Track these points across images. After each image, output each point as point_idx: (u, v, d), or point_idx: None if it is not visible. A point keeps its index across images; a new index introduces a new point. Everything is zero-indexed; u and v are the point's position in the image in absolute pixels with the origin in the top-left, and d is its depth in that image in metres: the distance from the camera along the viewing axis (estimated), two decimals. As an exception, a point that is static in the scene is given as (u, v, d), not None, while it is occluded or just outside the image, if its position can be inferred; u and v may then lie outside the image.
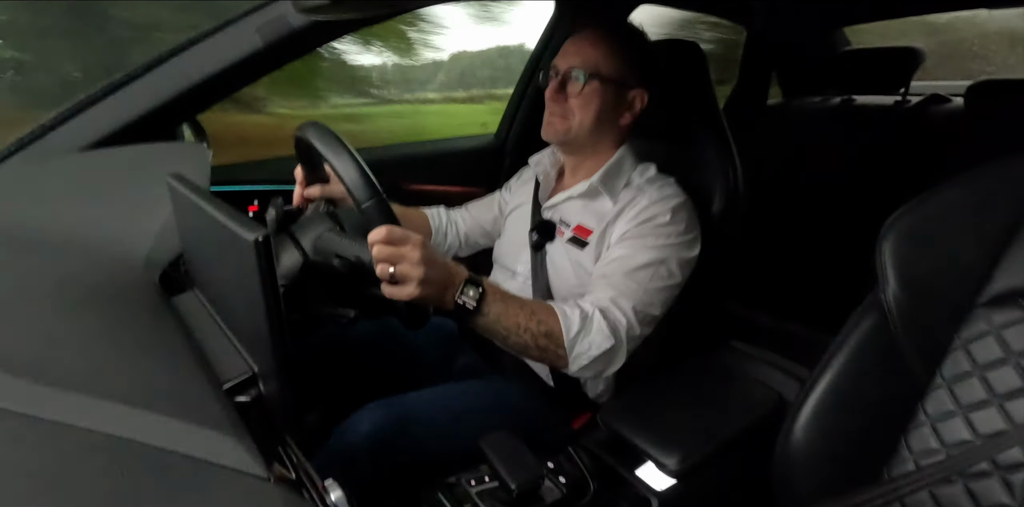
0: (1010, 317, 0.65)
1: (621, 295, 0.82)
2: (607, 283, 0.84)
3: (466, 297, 0.72)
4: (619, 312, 0.81)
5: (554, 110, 0.92)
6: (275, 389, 0.45)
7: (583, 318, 0.79)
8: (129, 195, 0.72)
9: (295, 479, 0.42)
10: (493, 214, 1.16)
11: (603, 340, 0.79)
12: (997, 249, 0.67)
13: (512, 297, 0.78)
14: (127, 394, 0.36)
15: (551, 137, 0.94)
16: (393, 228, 0.66)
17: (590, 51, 0.89)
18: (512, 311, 0.76)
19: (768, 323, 1.67)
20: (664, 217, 0.86)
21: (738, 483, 0.84)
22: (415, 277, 0.66)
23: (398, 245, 0.66)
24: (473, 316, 0.74)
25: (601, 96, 0.90)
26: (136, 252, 0.62)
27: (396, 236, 0.66)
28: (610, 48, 0.90)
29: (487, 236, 1.17)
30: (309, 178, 0.88)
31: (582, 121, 0.91)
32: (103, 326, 0.45)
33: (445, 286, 0.71)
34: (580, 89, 0.89)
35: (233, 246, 0.41)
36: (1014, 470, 0.62)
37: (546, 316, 0.78)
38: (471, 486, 0.71)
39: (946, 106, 1.62)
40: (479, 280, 0.74)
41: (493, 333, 0.77)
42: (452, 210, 1.19)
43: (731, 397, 0.89)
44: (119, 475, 0.28)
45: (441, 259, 0.71)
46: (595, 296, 0.84)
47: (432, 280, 0.68)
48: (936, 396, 0.69)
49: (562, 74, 0.90)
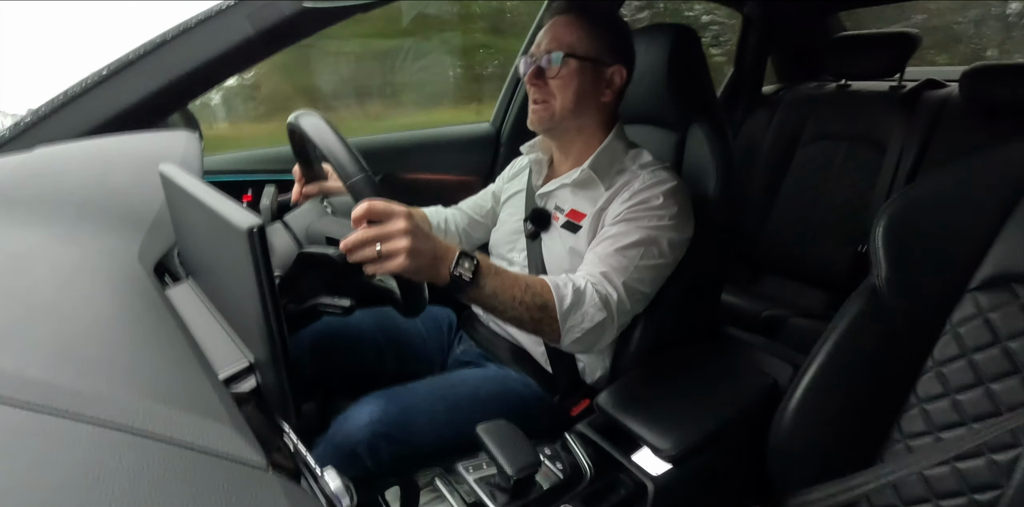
0: (999, 300, 0.66)
1: (612, 270, 0.83)
2: (598, 259, 0.85)
3: (462, 269, 0.71)
4: (610, 286, 0.82)
5: (535, 96, 0.92)
6: (272, 379, 0.45)
7: (576, 291, 0.80)
8: (121, 185, 0.71)
9: (294, 468, 0.43)
10: (489, 206, 1.16)
11: (596, 312, 0.80)
12: (988, 234, 0.68)
13: (506, 271, 0.78)
14: (124, 386, 0.36)
15: (537, 126, 0.94)
16: (375, 201, 0.64)
17: (563, 33, 0.90)
18: (507, 284, 0.76)
19: (763, 310, 1.68)
20: (657, 200, 0.87)
21: (733, 467, 0.85)
22: (402, 248, 0.64)
23: (382, 220, 0.64)
24: (470, 288, 0.73)
25: (579, 75, 0.90)
26: (129, 243, 0.61)
27: (378, 209, 0.64)
28: (583, 28, 0.90)
29: (486, 230, 1.17)
30: (307, 175, 0.87)
31: (563, 102, 0.91)
32: (97, 319, 0.45)
33: (436, 258, 0.69)
34: (557, 71, 0.89)
35: (227, 236, 0.41)
36: (1002, 451, 0.63)
37: (540, 289, 0.79)
38: (469, 473, 0.72)
39: (941, 92, 1.62)
40: (473, 254, 0.73)
41: (489, 306, 0.76)
42: (448, 209, 1.19)
43: (726, 383, 0.90)
44: (115, 465, 0.28)
45: (427, 231, 0.69)
46: (586, 270, 0.85)
47: (420, 251, 0.66)
48: (927, 379, 0.70)
49: (539, 59, 0.91)
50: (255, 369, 0.48)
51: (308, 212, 0.84)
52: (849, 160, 1.69)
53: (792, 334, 1.56)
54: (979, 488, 0.64)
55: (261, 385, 0.48)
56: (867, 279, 0.72)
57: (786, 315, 1.64)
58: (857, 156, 1.68)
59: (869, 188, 1.63)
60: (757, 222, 1.87)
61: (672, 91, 1.03)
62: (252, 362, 0.48)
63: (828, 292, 1.70)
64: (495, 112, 1.66)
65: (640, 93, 1.04)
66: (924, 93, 1.63)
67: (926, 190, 0.72)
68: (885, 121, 1.63)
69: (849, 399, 0.71)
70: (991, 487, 0.63)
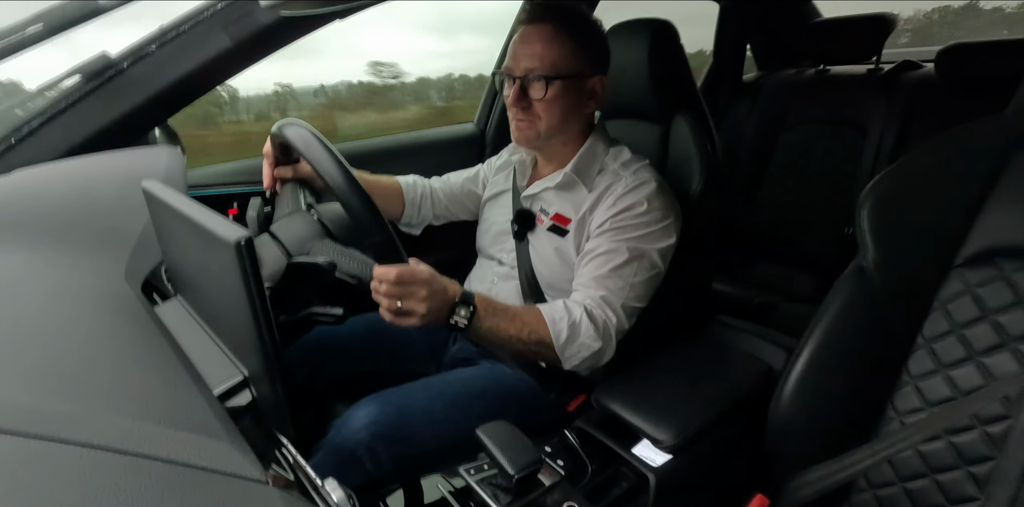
0: (985, 276, 0.67)
1: (610, 293, 0.86)
2: (594, 282, 0.87)
3: (458, 317, 0.78)
4: (609, 310, 0.85)
5: (519, 116, 0.90)
6: (267, 391, 0.45)
7: (571, 325, 0.83)
8: (104, 204, 0.70)
9: (294, 480, 0.43)
10: (476, 190, 1.16)
11: (592, 342, 0.84)
12: (970, 211, 0.68)
13: (503, 309, 0.82)
14: (117, 407, 0.36)
15: (523, 144, 0.94)
16: (403, 271, 0.71)
17: (544, 51, 0.86)
18: (503, 324, 0.81)
19: (754, 296, 1.69)
20: (641, 206, 0.87)
21: (733, 454, 0.85)
22: (420, 312, 0.73)
23: (407, 285, 0.72)
24: (465, 332, 0.79)
25: (564, 96, 0.88)
26: (115, 262, 0.61)
27: (405, 277, 0.71)
28: (563, 43, 0.87)
29: (466, 210, 1.17)
30: (280, 158, 0.88)
31: (550, 123, 0.90)
32: (86, 341, 0.44)
33: (443, 310, 0.77)
34: (543, 94, 0.87)
35: (215, 250, 0.41)
36: (994, 423, 0.64)
37: (536, 325, 0.83)
38: (471, 475, 0.72)
39: (918, 72, 1.64)
40: (471, 298, 0.79)
41: (486, 343, 0.83)
42: (432, 179, 1.17)
43: (721, 370, 0.90)
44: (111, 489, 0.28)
45: (442, 286, 0.76)
46: (583, 294, 0.87)
47: (434, 310, 0.75)
48: (918, 356, 0.71)
49: (520, 79, 0.88)
50: (250, 383, 0.48)
51: (296, 223, 0.84)
52: (832, 143, 1.71)
53: (784, 319, 1.58)
54: (973, 461, 0.65)
55: (257, 398, 0.47)
56: (854, 261, 0.73)
57: (778, 300, 1.65)
58: (839, 139, 1.69)
59: (853, 170, 1.65)
60: (744, 209, 1.88)
61: (654, 85, 1.04)
62: (246, 376, 0.47)
63: (818, 276, 1.72)
64: (479, 113, 1.66)
65: (623, 88, 1.04)
66: (902, 74, 1.65)
67: (907, 170, 0.73)
68: (865, 103, 1.65)
69: (843, 380, 0.72)
70: (985, 459, 0.64)
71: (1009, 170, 0.67)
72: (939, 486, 0.67)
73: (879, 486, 0.72)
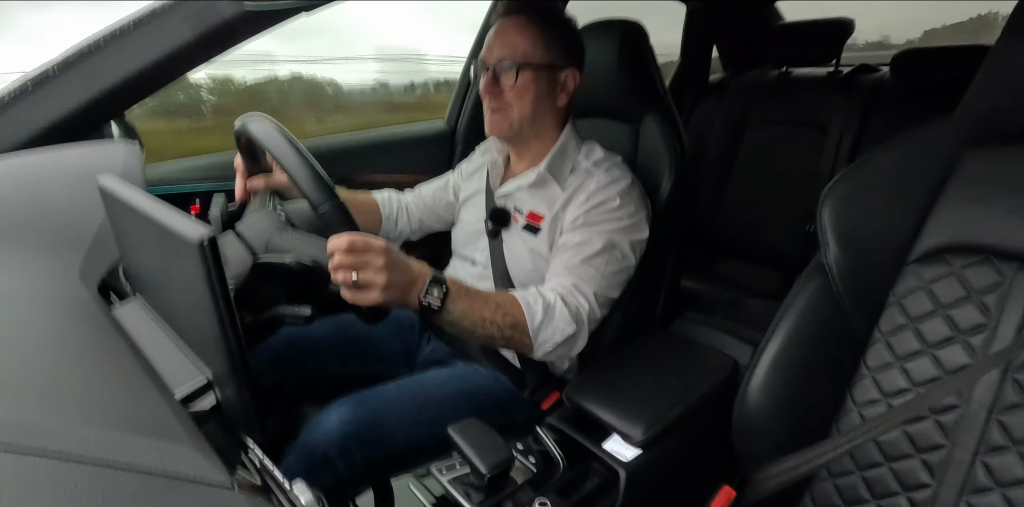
0: (938, 272, 0.69)
1: (582, 281, 0.86)
2: (567, 270, 0.87)
3: (431, 297, 0.73)
4: (581, 297, 0.85)
5: (492, 105, 0.92)
6: (233, 394, 0.43)
7: (546, 307, 0.82)
8: (56, 200, 0.67)
9: (261, 485, 0.42)
10: (447, 199, 1.16)
11: (566, 326, 0.83)
12: (923, 209, 0.71)
13: (476, 292, 0.79)
14: (74, 413, 0.35)
15: (496, 134, 0.95)
16: (355, 237, 0.66)
17: (516, 40, 0.89)
18: (477, 306, 0.78)
19: (720, 292, 1.73)
20: (613, 202, 0.89)
21: (701, 448, 0.87)
22: (379, 283, 0.67)
23: (361, 253, 0.66)
24: (438, 314, 0.75)
25: (535, 83, 0.90)
26: (69, 263, 0.58)
27: (358, 245, 0.66)
28: (535, 33, 0.89)
29: (441, 221, 1.17)
30: (251, 168, 0.85)
31: (521, 112, 0.91)
32: (39, 346, 0.42)
33: (408, 288, 0.72)
34: (514, 81, 0.89)
35: (177, 249, 0.39)
36: (945, 412, 0.67)
37: (511, 308, 0.81)
38: (443, 474, 0.72)
39: (874, 75, 1.70)
40: (442, 278, 0.75)
41: (459, 328, 0.78)
42: (404, 193, 1.18)
43: (689, 366, 0.92)
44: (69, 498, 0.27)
45: (404, 261, 0.71)
46: (556, 282, 0.87)
47: (396, 284, 0.69)
48: (875, 350, 0.73)
49: (492, 68, 0.90)
50: (214, 385, 0.46)
51: (261, 220, 0.82)
52: (794, 143, 1.76)
53: (750, 314, 1.62)
54: (926, 449, 0.68)
55: (222, 401, 0.46)
56: (815, 257, 0.76)
57: (743, 296, 1.69)
58: (801, 139, 1.74)
59: (814, 169, 1.70)
60: (711, 207, 1.92)
61: (624, 85, 1.05)
62: (210, 378, 0.46)
63: (782, 272, 1.77)
64: (449, 109, 1.65)
65: (593, 87, 1.05)
66: (859, 77, 1.71)
67: (864, 171, 0.75)
68: (825, 104, 1.70)
69: (805, 374, 0.74)
70: (937, 447, 0.67)
71: (958, 170, 0.70)
72: (895, 474, 0.70)
73: (839, 475, 0.75)
